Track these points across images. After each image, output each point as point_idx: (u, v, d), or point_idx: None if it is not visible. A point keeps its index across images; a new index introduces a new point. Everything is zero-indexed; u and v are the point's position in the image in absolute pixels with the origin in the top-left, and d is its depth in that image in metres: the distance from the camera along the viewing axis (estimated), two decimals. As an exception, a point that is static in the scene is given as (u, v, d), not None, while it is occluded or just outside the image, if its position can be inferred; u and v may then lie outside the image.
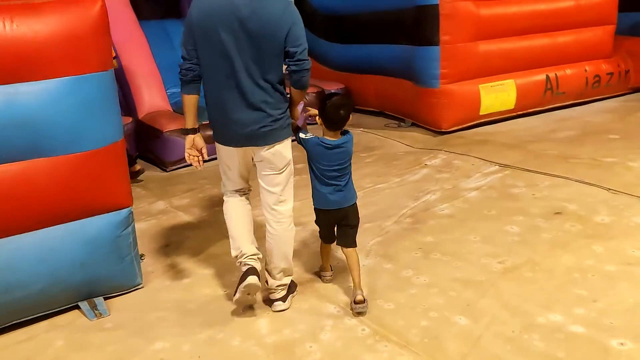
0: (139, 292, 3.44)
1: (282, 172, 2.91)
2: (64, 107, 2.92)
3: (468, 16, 6.17)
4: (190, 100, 2.84)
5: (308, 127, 5.27)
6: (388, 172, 5.35)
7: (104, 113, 3.09)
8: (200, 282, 3.52)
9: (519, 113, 6.74)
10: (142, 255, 3.70)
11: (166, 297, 3.37)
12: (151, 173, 5.90)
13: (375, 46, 7.26)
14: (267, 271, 3.05)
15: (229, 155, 2.93)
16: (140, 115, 6.23)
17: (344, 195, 2.97)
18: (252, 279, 2.83)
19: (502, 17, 6.41)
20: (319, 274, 3.41)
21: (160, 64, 6.85)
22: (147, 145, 6.14)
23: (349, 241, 3.05)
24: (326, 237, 3.18)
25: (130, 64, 6.25)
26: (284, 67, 2.79)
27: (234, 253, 3.03)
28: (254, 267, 2.92)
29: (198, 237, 4.21)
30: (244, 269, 2.92)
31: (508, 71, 6.56)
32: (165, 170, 5.94)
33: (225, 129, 2.84)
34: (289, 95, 2.91)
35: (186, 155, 2.95)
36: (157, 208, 4.89)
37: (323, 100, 2.88)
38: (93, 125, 3.03)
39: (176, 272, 3.68)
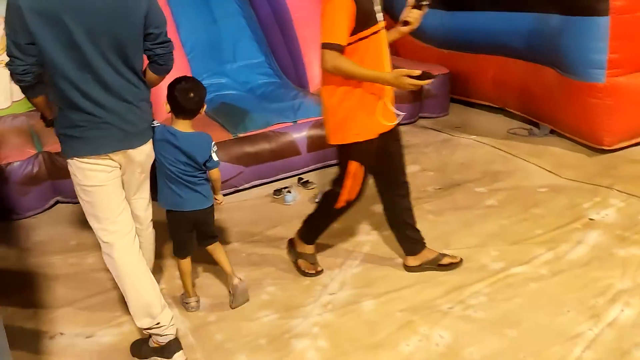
0: None
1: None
2: None
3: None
4: (41, 100, 2.41)
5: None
6: (526, 233, 3.24)
7: None
8: None
9: None
10: None
11: None
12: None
13: (498, 14, 4.99)
14: None
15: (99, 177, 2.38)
16: (159, 119, 4.39)
17: (199, 197, 2.69)
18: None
19: None
20: (182, 302, 2.88)
21: (195, 43, 5.01)
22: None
23: (210, 237, 2.83)
24: (184, 248, 2.78)
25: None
26: None
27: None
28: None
29: None
30: (163, 340, 2.42)
31: None
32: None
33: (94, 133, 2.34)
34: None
35: None
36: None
37: (171, 85, 2.62)
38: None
39: None
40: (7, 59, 2.25)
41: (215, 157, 2.65)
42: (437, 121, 5.41)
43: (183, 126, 2.63)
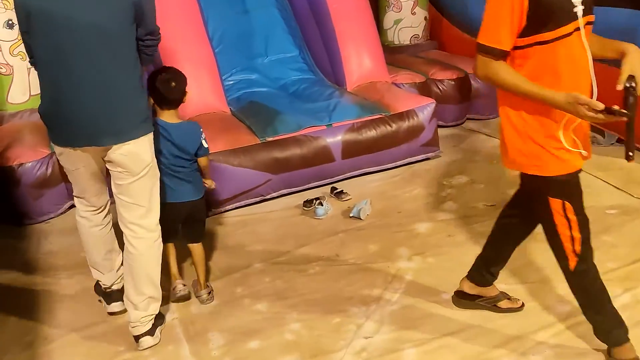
0: None
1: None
2: None
3: None
4: None
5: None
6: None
7: None
8: None
9: None
10: None
11: None
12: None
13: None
14: (128, 301, 2.48)
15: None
16: (181, 119, 4.04)
17: (190, 188, 2.69)
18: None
19: None
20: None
21: (223, 35, 4.63)
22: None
23: (197, 235, 2.81)
24: (169, 236, 2.70)
25: (168, 40, 4.06)
26: None
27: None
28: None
29: None
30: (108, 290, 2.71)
31: None
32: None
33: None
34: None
35: None
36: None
37: (152, 76, 2.60)
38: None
39: None
40: (25, 51, 2.37)
41: (205, 144, 2.69)
42: (486, 123, 4.92)
43: (170, 117, 2.64)
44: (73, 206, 3.89)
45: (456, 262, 2.86)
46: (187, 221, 2.76)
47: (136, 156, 2.32)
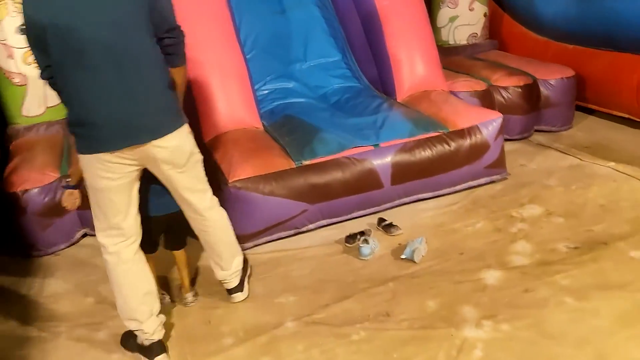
0: None
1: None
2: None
3: None
4: None
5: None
6: None
7: None
8: None
9: None
10: None
11: None
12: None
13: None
14: (213, 263, 2.68)
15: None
16: (207, 137, 3.55)
17: (170, 199, 2.52)
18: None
19: None
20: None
21: (257, 38, 4.12)
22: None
23: (179, 243, 2.77)
24: (153, 246, 2.66)
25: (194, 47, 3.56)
26: None
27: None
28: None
29: None
30: (147, 343, 2.38)
31: None
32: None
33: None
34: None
35: None
36: None
37: None
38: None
39: None
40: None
41: None
42: (557, 137, 4.25)
43: None
44: (85, 235, 3.53)
45: (538, 331, 2.27)
46: (168, 231, 2.72)
47: (178, 148, 2.29)
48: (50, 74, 2.19)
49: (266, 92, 4.05)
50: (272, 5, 4.32)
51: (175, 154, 2.29)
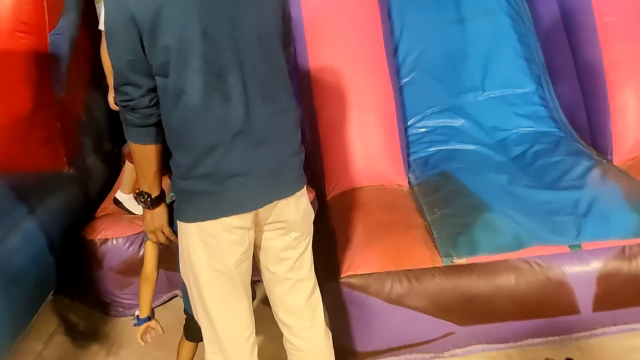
0: None
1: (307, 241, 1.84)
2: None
3: None
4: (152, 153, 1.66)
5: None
6: None
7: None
8: None
9: None
10: None
11: None
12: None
13: None
14: None
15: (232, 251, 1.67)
16: (330, 193, 2.65)
17: None
18: None
19: None
20: None
21: (419, 57, 3.13)
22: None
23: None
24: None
25: (321, 72, 2.67)
26: None
27: None
28: None
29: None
30: None
31: None
32: None
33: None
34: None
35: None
36: None
37: None
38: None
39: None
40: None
41: None
42: None
43: None
44: (175, 296, 2.89)
45: None
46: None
47: (308, 207, 1.78)
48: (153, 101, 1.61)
49: (423, 130, 3.03)
50: (446, 12, 3.27)
51: (307, 216, 1.75)
